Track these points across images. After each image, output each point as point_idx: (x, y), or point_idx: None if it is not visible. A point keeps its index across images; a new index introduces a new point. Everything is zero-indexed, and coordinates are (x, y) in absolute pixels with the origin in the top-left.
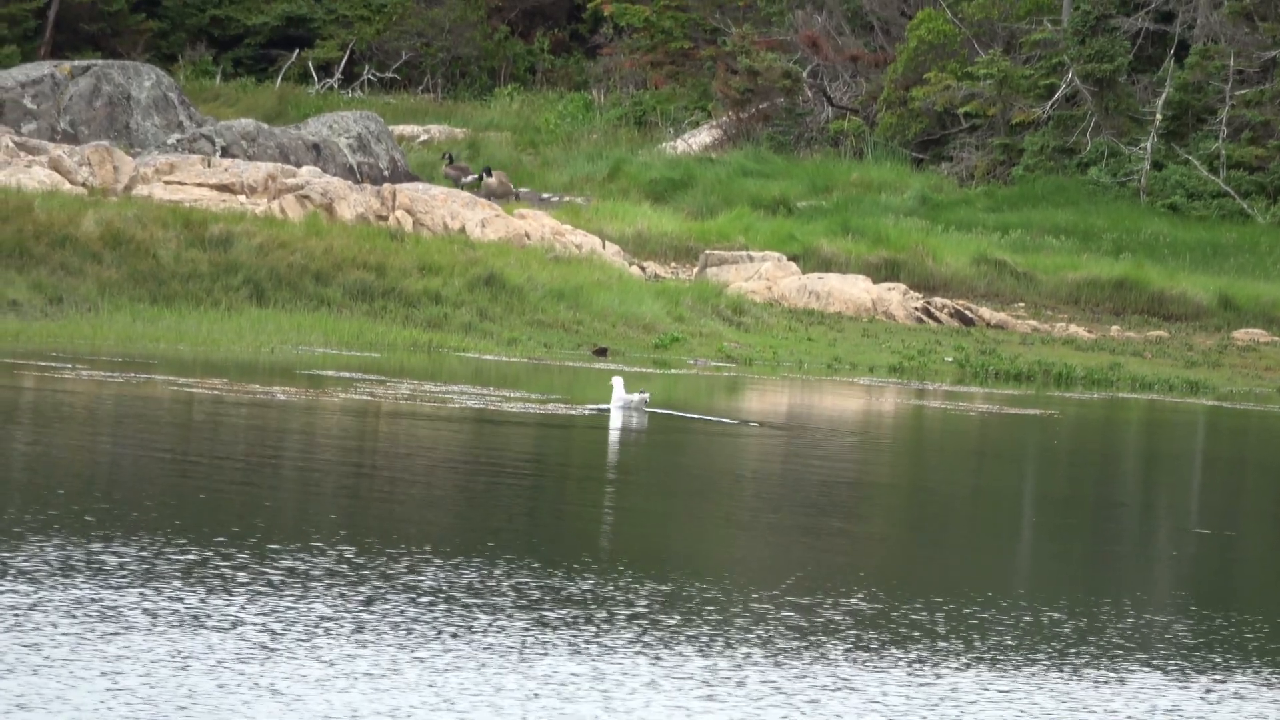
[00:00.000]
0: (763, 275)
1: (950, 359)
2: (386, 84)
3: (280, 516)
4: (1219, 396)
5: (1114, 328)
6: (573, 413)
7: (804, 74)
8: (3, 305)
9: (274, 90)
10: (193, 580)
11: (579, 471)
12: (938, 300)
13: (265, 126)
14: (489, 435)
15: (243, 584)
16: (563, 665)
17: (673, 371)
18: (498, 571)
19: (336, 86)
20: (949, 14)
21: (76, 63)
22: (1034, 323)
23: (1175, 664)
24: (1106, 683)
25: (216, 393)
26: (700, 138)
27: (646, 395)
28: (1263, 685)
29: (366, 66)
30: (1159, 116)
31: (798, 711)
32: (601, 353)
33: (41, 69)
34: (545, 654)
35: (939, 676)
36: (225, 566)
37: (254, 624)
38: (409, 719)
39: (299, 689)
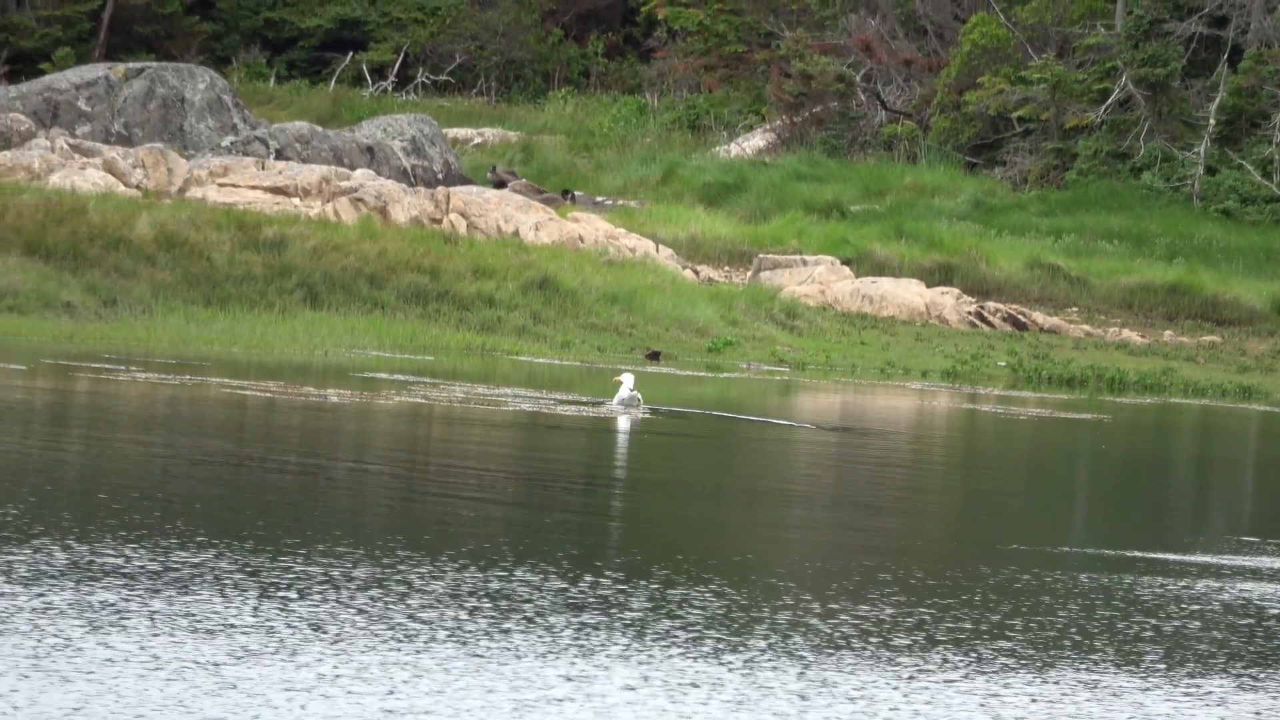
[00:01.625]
0: (816, 279)
1: (1003, 364)
2: (440, 87)
3: (361, 520)
4: (1272, 402)
5: (1167, 333)
6: (580, 410)
7: (857, 78)
8: (57, 307)
9: (328, 93)
10: (273, 584)
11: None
12: (991, 305)
13: (319, 129)
14: (543, 438)
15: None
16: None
17: (725, 375)
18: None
19: (390, 89)
20: (1002, 18)
21: (131, 65)
22: (1087, 327)
23: None
24: None
25: (272, 395)
26: (754, 141)
27: (639, 395)
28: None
29: (420, 69)
30: (1212, 121)
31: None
32: (654, 356)
33: (96, 71)
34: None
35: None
36: (296, 569)
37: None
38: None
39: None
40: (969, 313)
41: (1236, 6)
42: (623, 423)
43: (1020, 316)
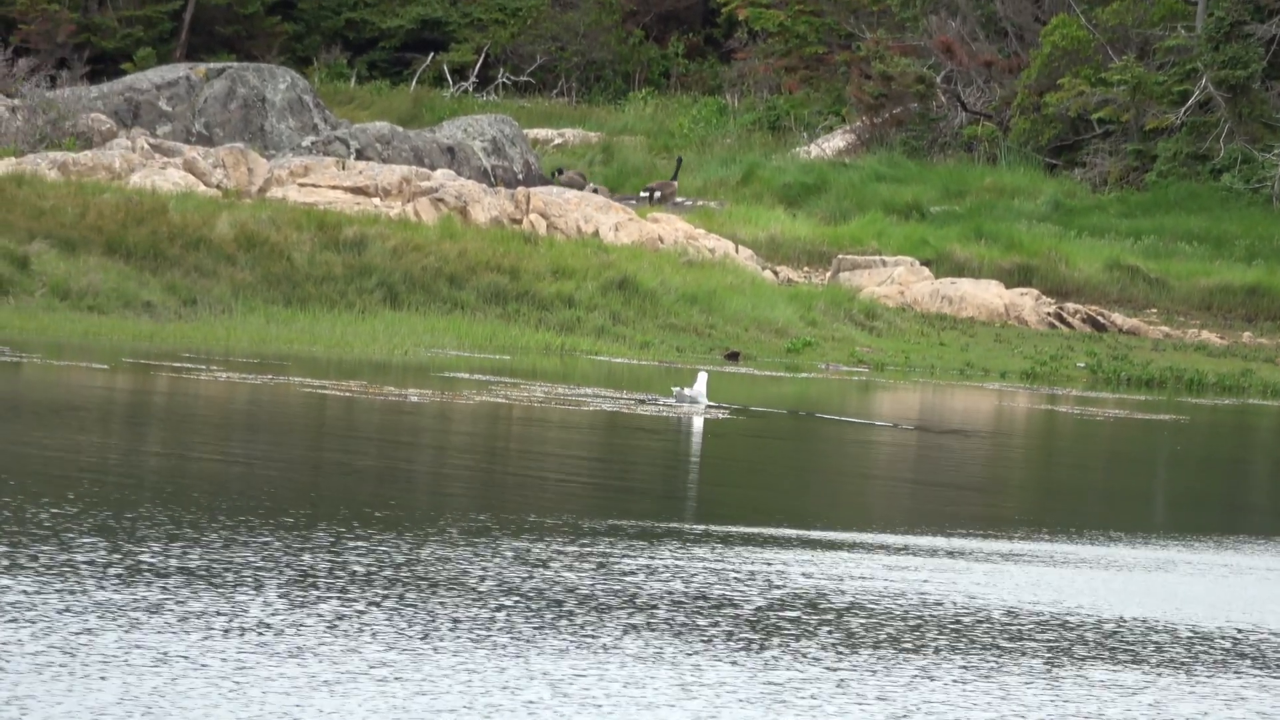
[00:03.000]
0: (895, 280)
1: (1082, 365)
2: (521, 88)
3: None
4: None
5: (1246, 334)
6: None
7: (938, 79)
8: (137, 307)
9: (408, 93)
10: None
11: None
12: (1070, 306)
13: (399, 129)
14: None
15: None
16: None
17: (804, 375)
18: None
19: (471, 90)
20: (1083, 20)
21: (212, 65)
22: (1166, 329)
23: None
24: None
25: (355, 394)
26: (834, 142)
27: (696, 392)
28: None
29: (501, 70)
30: None
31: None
32: (733, 357)
33: (177, 71)
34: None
35: None
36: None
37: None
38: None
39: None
40: (1048, 314)
41: None
42: (696, 423)
43: (1099, 318)
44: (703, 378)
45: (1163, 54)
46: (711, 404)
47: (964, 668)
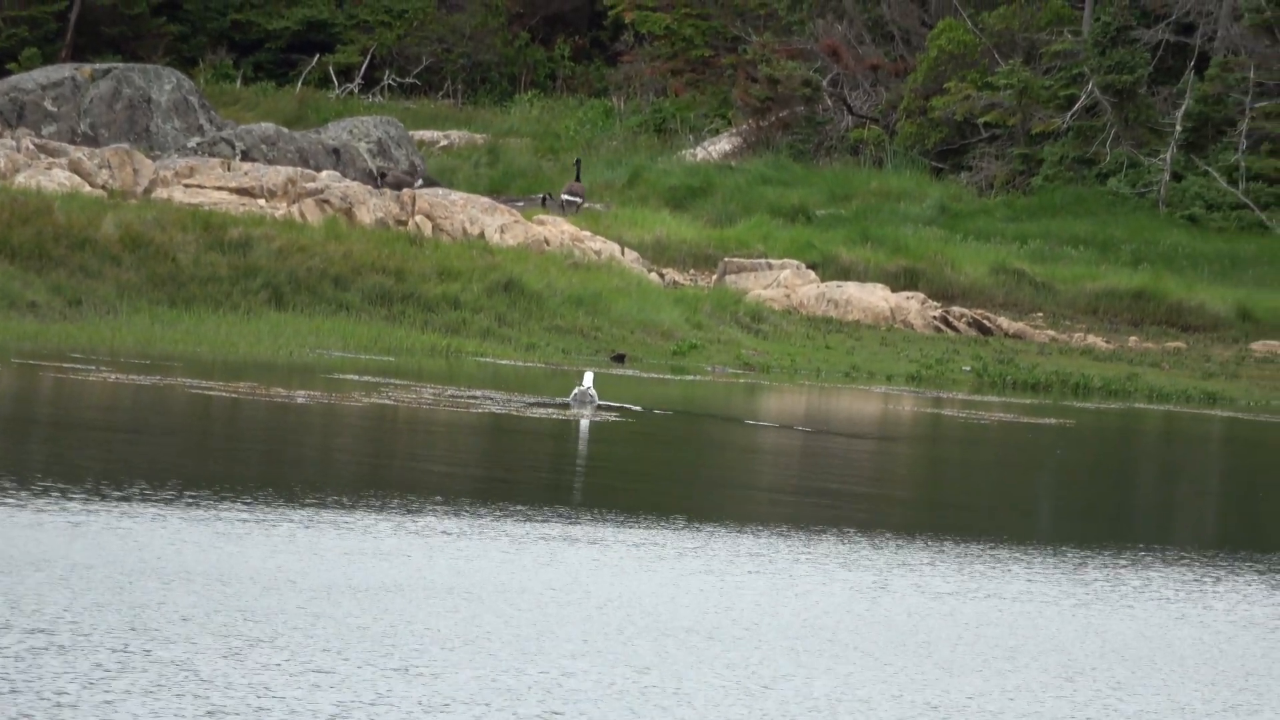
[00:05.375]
0: (781, 283)
1: (968, 368)
2: (407, 89)
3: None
4: (1236, 408)
5: (1132, 338)
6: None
7: (824, 82)
8: (21, 307)
9: (294, 95)
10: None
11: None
12: (956, 309)
13: (285, 131)
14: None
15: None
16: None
17: (690, 378)
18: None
19: (357, 91)
20: (969, 24)
21: (97, 66)
22: (1052, 333)
23: None
24: None
25: (239, 396)
26: (720, 145)
27: (594, 392)
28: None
29: (387, 72)
30: (1179, 128)
31: None
32: (620, 359)
33: (62, 71)
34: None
35: None
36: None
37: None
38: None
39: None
40: (934, 317)
41: (1203, 14)
42: (583, 424)
43: (985, 322)
44: (589, 377)
45: (1049, 58)
46: (603, 403)
47: None
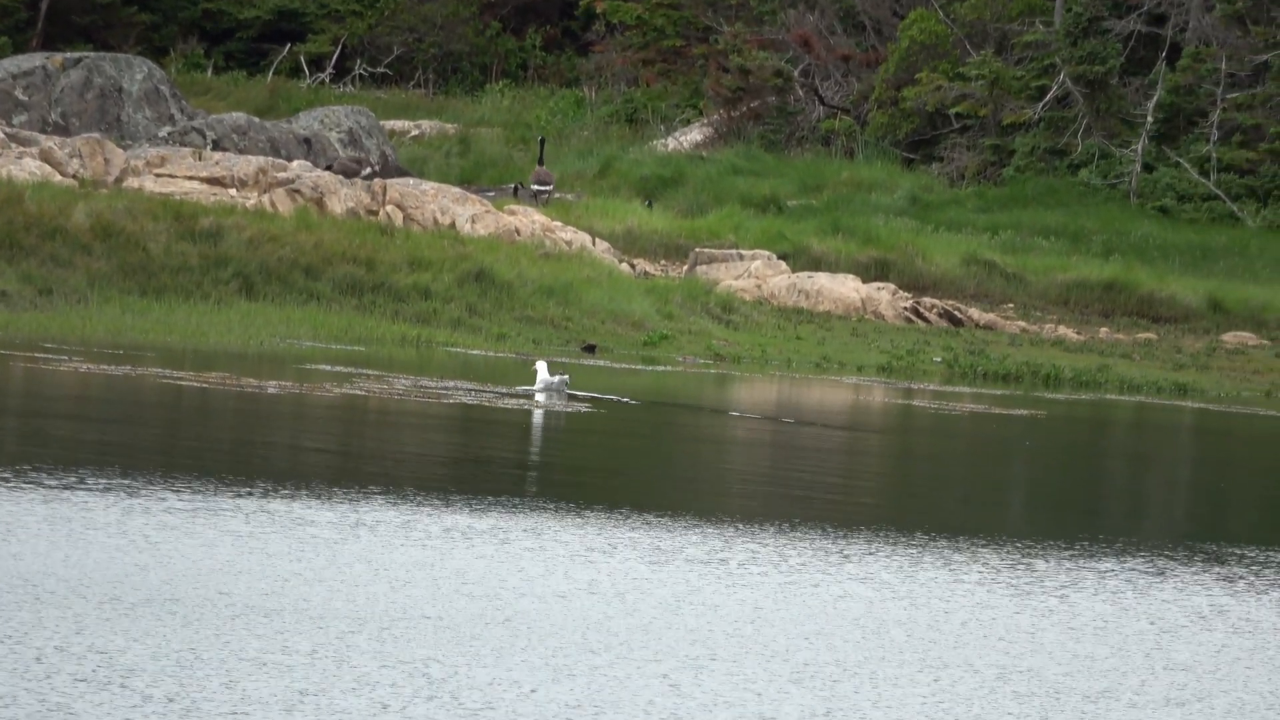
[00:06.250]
0: (752, 274)
1: (939, 359)
2: (378, 79)
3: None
4: (1207, 399)
5: (1103, 329)
6: (501, 399)
7: (795, 73)
8: None
9: (265, 84)
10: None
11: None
12: (927, 300)
13: (256, 120)
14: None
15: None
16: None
17: (661, 368)
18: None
19: (328, 81)
20: (941, 14)
21: (68, 55)
22: (1023, 324)
23: None
24: None
25: (209, 386)
26: (691, 135)
27: (566, 378)
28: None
29: (358, 61)
30: (1150, 119)
31: None
32: (590, 349)
33: (33, 61)
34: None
35: None
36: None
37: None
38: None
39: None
40: (905, 308)
41: (1175, 5)
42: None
43: (956, 312)
44: (543, 366)
45: (1021, 49)
46: (573, 392)
47: None
